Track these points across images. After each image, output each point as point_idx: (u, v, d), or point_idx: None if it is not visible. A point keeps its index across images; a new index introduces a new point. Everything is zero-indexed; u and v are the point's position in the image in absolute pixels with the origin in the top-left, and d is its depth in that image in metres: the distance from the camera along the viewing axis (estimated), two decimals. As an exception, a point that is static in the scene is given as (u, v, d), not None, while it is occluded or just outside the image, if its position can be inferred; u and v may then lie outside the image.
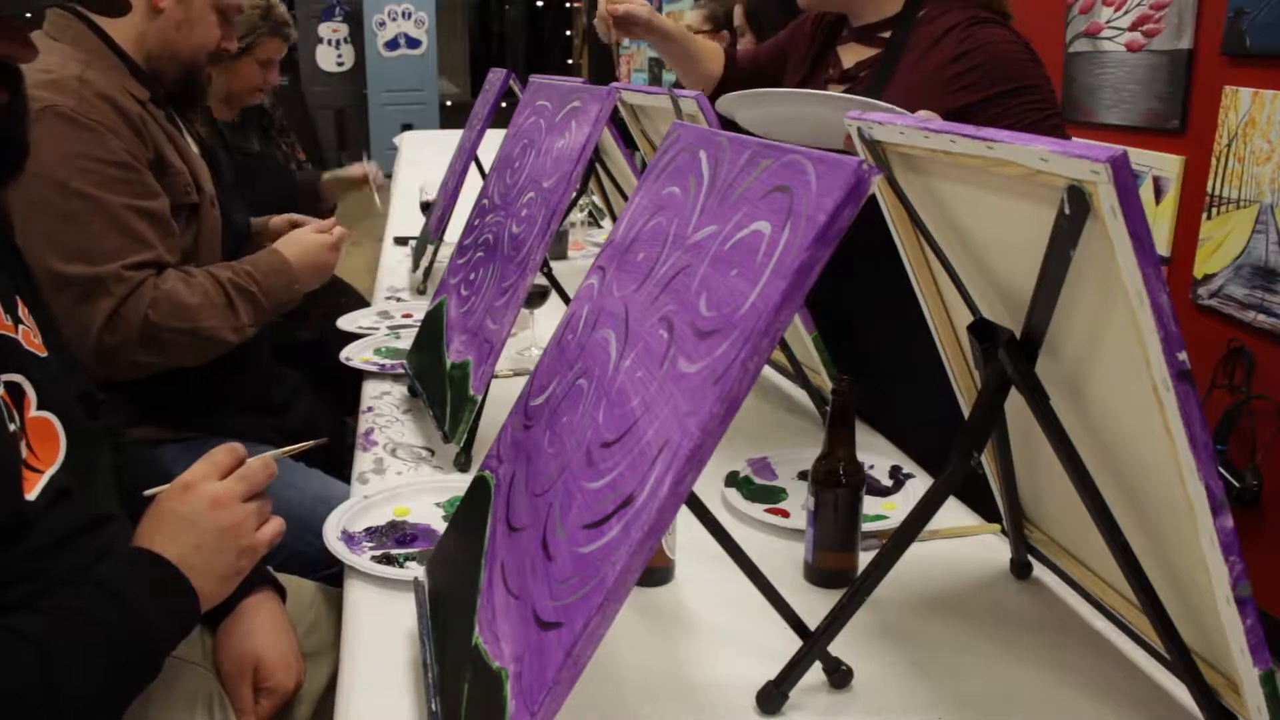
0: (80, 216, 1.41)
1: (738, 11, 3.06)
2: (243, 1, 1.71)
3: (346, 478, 1.52)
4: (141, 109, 1.54)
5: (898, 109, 1.29)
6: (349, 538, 1.26)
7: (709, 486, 1.40)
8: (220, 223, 1.70)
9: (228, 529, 0.97)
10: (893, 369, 1.62)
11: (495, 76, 2.62)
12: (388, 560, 1.21)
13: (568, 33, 11.34)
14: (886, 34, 1.71)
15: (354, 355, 1.95)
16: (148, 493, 1.01)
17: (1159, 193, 2.61)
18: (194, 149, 1.70)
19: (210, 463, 1.01)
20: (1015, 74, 1.53)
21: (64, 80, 1.45)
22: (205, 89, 1.71)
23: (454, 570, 1.03)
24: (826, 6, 1.81)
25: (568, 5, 11.25)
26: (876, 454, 1.52)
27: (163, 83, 1.61)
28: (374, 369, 1.87)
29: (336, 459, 1.76)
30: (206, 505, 0.97)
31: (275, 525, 1.02)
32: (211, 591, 0.96)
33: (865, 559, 1.08)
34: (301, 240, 1.74)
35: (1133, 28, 2.69)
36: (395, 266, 2.78)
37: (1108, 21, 2.77)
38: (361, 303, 2.53)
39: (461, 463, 1.48)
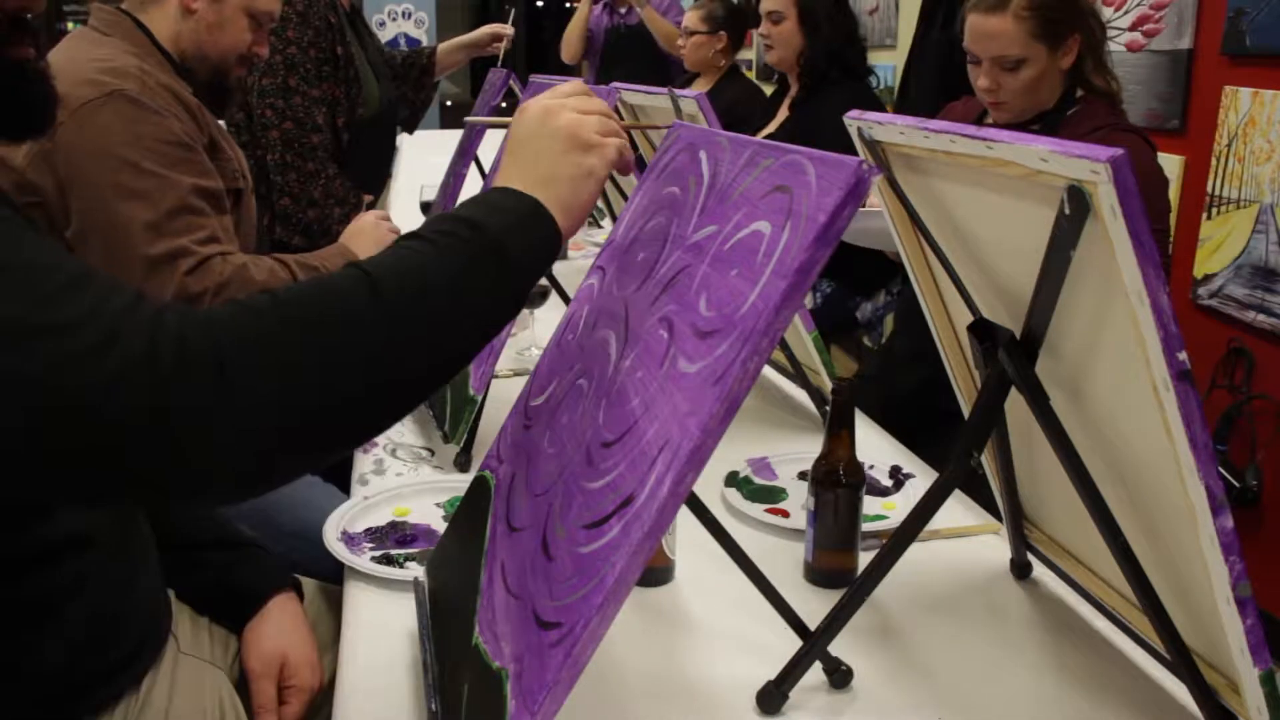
0: (153, 195, 1.45)
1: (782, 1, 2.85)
2: (275, 9, 1.72)
3: (346, 482, 1.51)
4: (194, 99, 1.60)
5: None
6: (349, 538, 1.26)
7: (709, 486, 1.40)
8: (256, 213, 1.74)
9: (566, 133, 0.90)
10: None
11: (495, 76, 2.62)
12: (388, 560, 1.21)
13: (568, 33, 11.33)
14: (1035, 127, 1.82)
15: None
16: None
17: (1159, 193, 2.61)
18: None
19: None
20: (1147, 196, 1.67)
21: (126, 68, 1.50)
22: (233, 91, 1.73)
23: (454, 570, 1.03)
24: (1020, 119, 1.87)
25: (568, 5, 11.24)
26: (876, 454, 1.52)
27: (194, 83, 1.65)
28: None
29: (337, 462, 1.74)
30: (539, 117, 0.91)
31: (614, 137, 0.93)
32: (566, 203, 0.88)
33: (865, 559, 1.08)
34: (359, 225, 1.78)
35: (1133, 28, 2.69)
36: (395, 266, 2.78)
37: (1108, 21, 2.77)
38: None
39: (461, 463, 1.48)
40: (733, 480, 1.43)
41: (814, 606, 1.03)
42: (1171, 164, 2.57)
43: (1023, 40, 1.79)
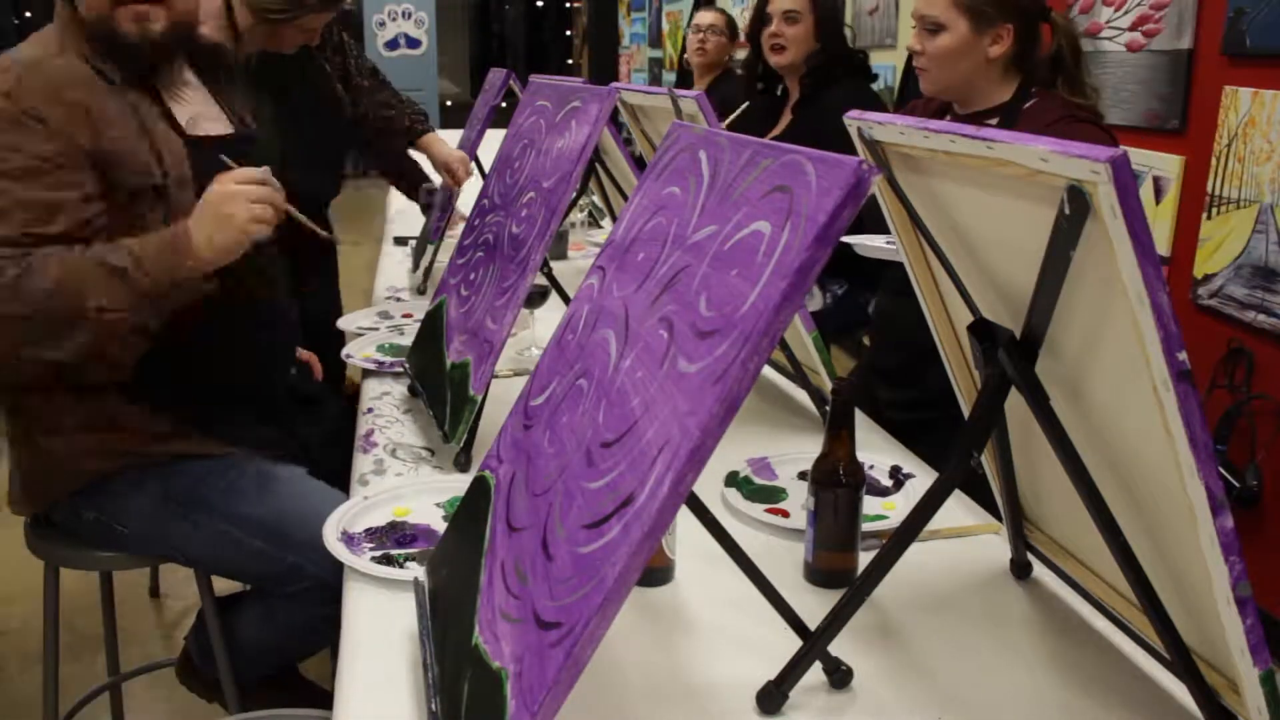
0: None
1: None
2: None
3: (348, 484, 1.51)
4: (111, 88, 1.50)
5: None
6: (349, 539, 1.26)
7: (709, 486, 1.40)
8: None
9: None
10: None
11: (495, 76, 2.62)
12: (388, 560, 1.21)
13: (568, 33, 11.34)
14: (994, 121, 1.83)
15: (355, 353, 1.95)
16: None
17: (1159, 193, 2.61)
18: (175, 133, 1.60)
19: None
20: None
21: (8, 66, 1.45)
22: (139, 48, 1.55)
23: (454, 570, 1.03)
24: (948, 95, 1.92)
25: (568, 5, 11.25)
26: (876, 454, 1.52)
27: (138, 57, 1.54)
28: (372, 366, 1.88)
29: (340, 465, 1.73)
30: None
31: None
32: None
33: (865, 559, 1.08)
34: (206, 200, 1.47)
35: (1133, 28, 2.69)
36: (395, 266, 2.78)
37: (1108, 21, 2.77)
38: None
39: (461, 463, 1.48)
40: (733, 480, 1.43)
41: (814, 606, 1.03)
42: (1171, 164, 2.57)
43: (945, 5, 1.83)
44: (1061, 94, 1.84)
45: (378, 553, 1.23)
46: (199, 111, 1.65)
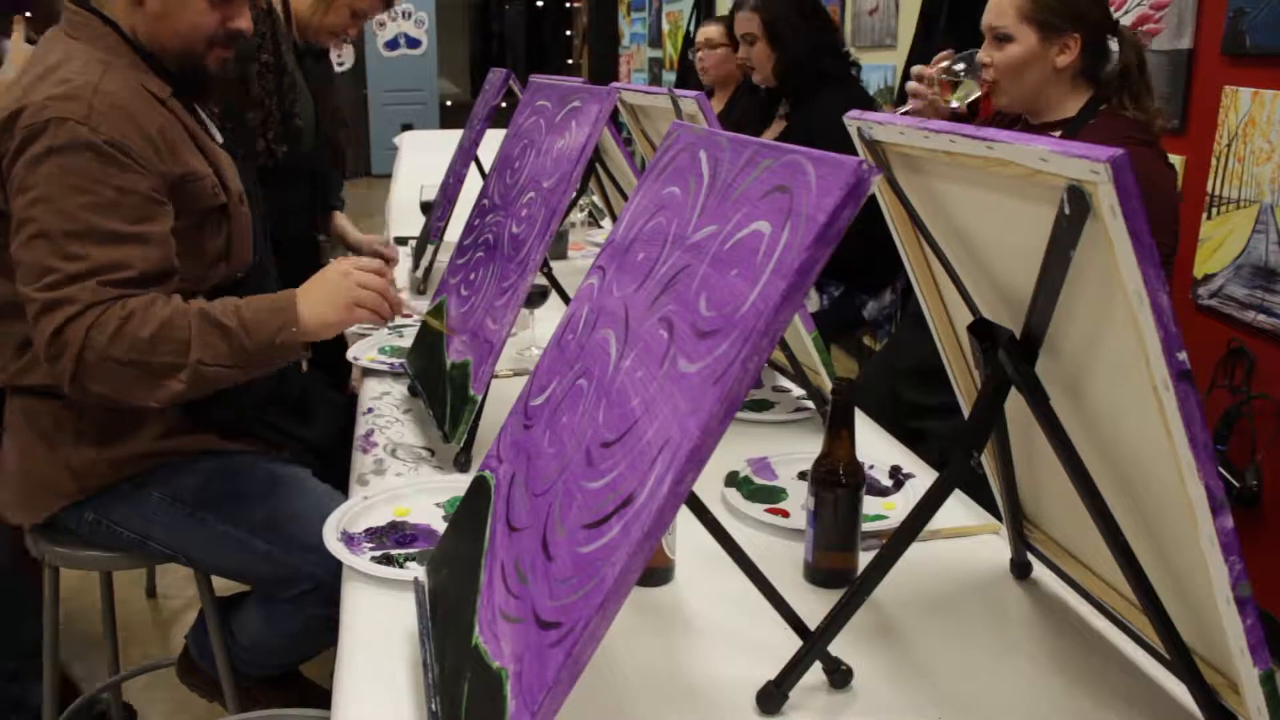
0: (57, 236, 1.35)
1: (748, 20, 2.97)
2: None
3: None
4: (162, 107, 1.50)
5: None
6: (349, 539, 1.26)
7: (709, 486, 1.40)
8: (250, 219, 1.63)
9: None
10: None
11: (495, 76, 2.62)
12: (388, 560, 1.21)
13: (568, 33, 11.35)
14: (1056, 134, 1.87)
15: (360, 354, 1.96)
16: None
17: (1159, 193, 2.61)
18: (219, 142, 1.64)
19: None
20: (1153, 209, 1.64)
21: (78, 91, 1.40)
22: (212, 78, 1.60)
23: (454, 570, 1.03)
24: (1018, 108, 1.98)
25: (568, 5, 11.25)
26: (876, 454, 1.52)
27: (170, 75, 1.55)
28: (384, 368, 1.88)
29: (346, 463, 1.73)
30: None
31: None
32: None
33: (865, 559, 1.08)
34: (322, 274, 1.51)
35: (1133, 28, 2.68)
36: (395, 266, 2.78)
37: (1108, 21, 2.77)
38: None
39: (461, 463, 1.48)
40: (733, 480, 1.43)
41: (814, 606, 1.03)
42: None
43: (1013, 16, 1.87)
44: (1127, 113, 1.87)
45: (378, 553, 1.23)
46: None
